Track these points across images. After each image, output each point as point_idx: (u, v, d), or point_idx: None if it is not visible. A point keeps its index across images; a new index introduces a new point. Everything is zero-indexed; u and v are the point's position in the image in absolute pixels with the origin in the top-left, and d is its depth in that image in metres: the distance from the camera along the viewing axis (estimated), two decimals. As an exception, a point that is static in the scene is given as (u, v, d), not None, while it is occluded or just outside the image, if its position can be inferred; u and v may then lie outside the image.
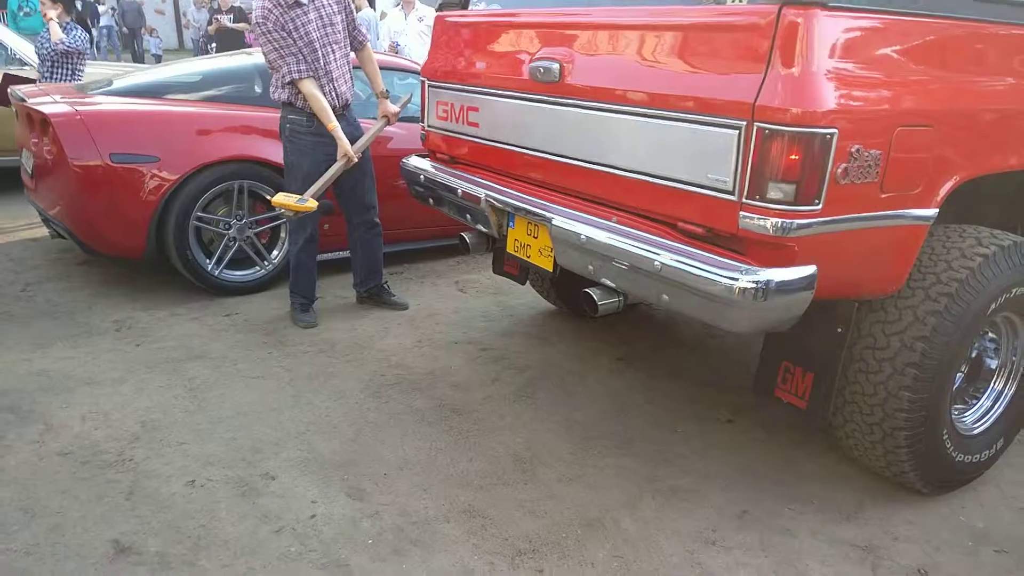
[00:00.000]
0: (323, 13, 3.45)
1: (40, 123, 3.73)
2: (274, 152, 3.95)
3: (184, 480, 2.46)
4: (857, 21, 1.93)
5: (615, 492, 2.49)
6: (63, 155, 3.58)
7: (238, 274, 4.02)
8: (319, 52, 3.44)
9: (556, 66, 2.42)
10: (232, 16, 10.63)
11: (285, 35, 3.36)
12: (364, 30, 3.74)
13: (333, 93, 3.52)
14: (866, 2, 1.93)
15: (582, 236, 2.33)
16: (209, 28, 11.02)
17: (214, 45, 10.68)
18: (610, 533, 2.30)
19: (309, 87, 3.40)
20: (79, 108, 3.74)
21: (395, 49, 6.93)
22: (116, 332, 3.57)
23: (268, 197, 4.00)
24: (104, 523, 2.25)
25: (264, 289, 4.10)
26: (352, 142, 3.52)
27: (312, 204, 3.39)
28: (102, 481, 2.44)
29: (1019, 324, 2.51)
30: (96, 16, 14.36)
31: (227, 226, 3.93)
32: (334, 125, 3.44)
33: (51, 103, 3.80)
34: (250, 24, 10.42)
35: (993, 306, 2.29)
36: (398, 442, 2.73)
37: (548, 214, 2.49)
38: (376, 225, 3.83)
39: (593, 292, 2.44)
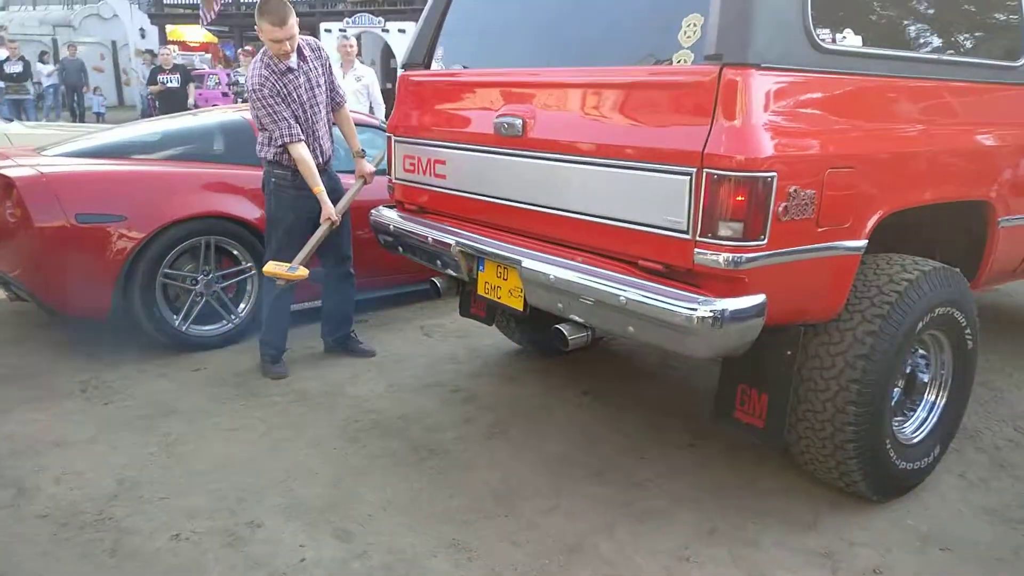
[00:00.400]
0: (311, 76, 3.63)
1: (3, 186, 3.75)
2: (239, 207, 4.07)
3: (168, 534, 2.50)
4: (787, 78, 2.18)
5: (591, 518, 2.63)
6: (27, 217, 3.60)
7: (206, 329, 4.07)
8: (307, 113, 3.62)
9: (519, 121, 2.62)
10: (178, 76, 10.56)
11: (280, 100, 3.51)
12: (342, 91, 3.91)
13: (318, 151, 3.68)
14: (795, 63, 2.18)
15: (551, 276, 2.50)
16: (152, 88, 10.86)
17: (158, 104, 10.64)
18: (590, 557, 2.43)
19: (300, 151, 3.54)
20: (43, 170, 3.78)
21: None
22: (82, 392, 3.57)
23: (235, 252, 4.11)
24: (91, 582, 2.27)
25: (231, 343, 4.14)
26: (332, 195, 3.66)
27: (304, 272, 3.49)
28: (83, 541, 2.45)
29: (943, 340, 2.77)
30: (29, 75, 14.04)
31: (194, 282, 3.99)
32: (320, 189, 3.58)
33: (13, 166, 3.83)
34: (195, 83, 10.28)
35: (920, 324, 2.54)
36: (379, 484, 2.82)
37: (517, 257, 2.66)
38: (350, 275, 3.97)
39: (563, 328, 2.61)
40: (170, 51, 11.21)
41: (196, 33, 24.43)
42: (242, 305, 4.19)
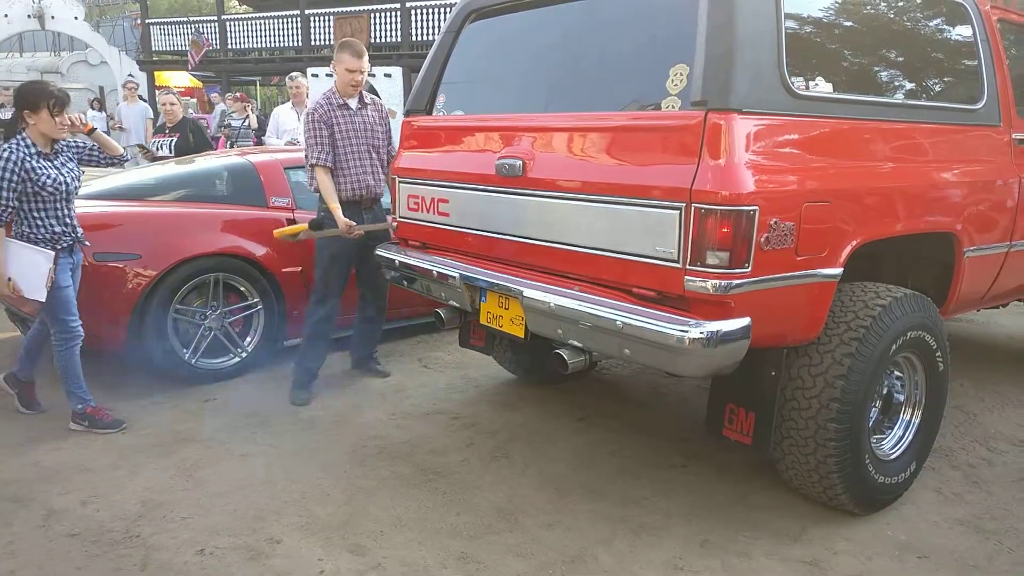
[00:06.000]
0: (365, 121, 4.04)
1: (24, 227, 3.90)
2: (245, 245, 4.26)
3: (194, 550, 2.63)
4: (765, 121, 2.41)
5: (591, 533, 2.78)
6: (48, 256, 3.76)
7: (214, 362, 4.23)
8: (345, 150, 3.98)
9: (519, 163, 2.84)
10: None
11: (324, 126, 3.95)
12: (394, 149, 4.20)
13: (353, 186, 4.01)
14: (773, 107, 2.41)
15: (551, 304, 2.69)
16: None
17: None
18: (591, 567, 2.58)
19: (321, 174, 3.96)
20: (62, 212, 3.95)
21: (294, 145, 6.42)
22: (99, 422, 3.70)
23: (241, 288, 4.28)
24: (123, 594, 2.41)
25: (238, 375, 4.29)
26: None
27: (302, 227, 3.97)
28: (114, 556, 2.59)
29: (916, 362, 2.98)
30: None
31: (203, 316, 4.16)
32: (335, 205, 3.93)
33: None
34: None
35: (894, 347, 2.75)
36: (388, 503, 2.97)
37: (518, 287, 2.85)
38: (384, 310, 4.36)
39: (563, 353, 2.80)
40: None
41: (182, 78, 24.78)
42: (248, 339, 4.35)
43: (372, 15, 18.88)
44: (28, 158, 3.37)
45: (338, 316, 4.15)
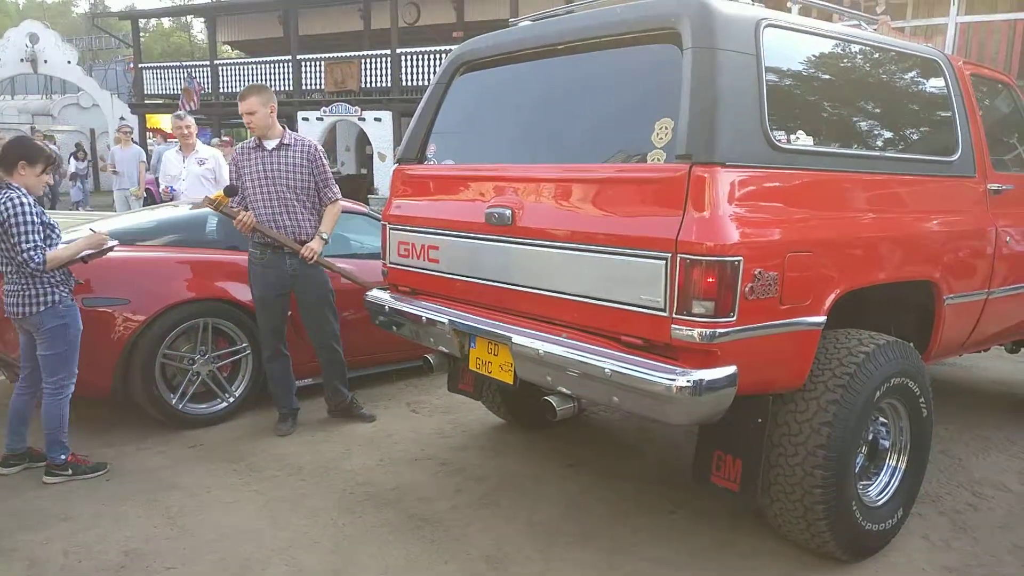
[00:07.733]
0: (282, 162, 4.03)
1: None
2: (234, 290, 4.27)
3: (178, 601, 2.60)
4: (748, 174, 2.47)
5: (581, 581, 2.77)
6: (36, 301, 3.76)
7: (202, 407, 4.21)
8: (252, 190, 4.05)
9: (509, 212, 2.89)
10: None
11: (233, 168, 4.17)
12: (334, 191, 4.21)
13: (268, 225, 4.04)
14: (755, 160, 2.48)
15: (540, 351, 2.72)
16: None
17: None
18: (580, 617, 2.57)
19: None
20: (51, 257, 3.95)
21: (170, 195, 6.21)
22: (83, 469, 3.66)
23: (230, 333, 4.29)
24: (102, 648, 2.36)
25: (225, 420, 4.27)
26: (305, 278, 4.12)
27: (219, 194, 4.03)
28: (97, 609, 2.56)
29: (900, 408, 3.01)
30: None
31: (191, 361, 4.15)
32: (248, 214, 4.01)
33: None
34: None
35: (878, 394, 2.78)
36: (377, 552, 2.95)
37: (508, 334, 2.87)
38: (334, 350, 4.25)
39: (552, 399, 2.81)
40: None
41: (173, 121, 24.91)
42: (236, 383, 4.34)
43: (363, 60, 19.17)
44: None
45: (283, 357, 4.17)
